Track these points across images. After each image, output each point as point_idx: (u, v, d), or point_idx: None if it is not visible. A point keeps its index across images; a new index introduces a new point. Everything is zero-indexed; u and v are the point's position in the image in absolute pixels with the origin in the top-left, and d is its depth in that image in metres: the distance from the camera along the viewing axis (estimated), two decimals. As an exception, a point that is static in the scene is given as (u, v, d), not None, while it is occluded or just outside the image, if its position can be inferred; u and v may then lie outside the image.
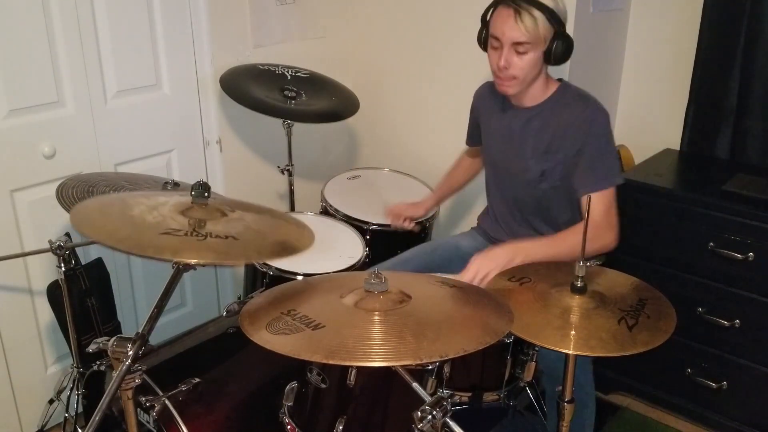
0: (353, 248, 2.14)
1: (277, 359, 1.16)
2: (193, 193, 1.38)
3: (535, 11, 1.70)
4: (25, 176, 2.14)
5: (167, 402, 1.54)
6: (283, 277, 1.97)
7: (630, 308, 1.40)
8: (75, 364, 2.01)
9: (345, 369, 1.44)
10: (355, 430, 1.49)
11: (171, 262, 1.22)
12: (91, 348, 1.29)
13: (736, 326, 2.17)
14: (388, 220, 2.29)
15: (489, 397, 1.67)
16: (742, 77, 2.33)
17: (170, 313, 2.64)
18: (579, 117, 1.79)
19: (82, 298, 2.05)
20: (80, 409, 2.01)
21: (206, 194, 1.38)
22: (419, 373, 1.47)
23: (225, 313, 1.87)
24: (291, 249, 1.34)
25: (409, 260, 2.07)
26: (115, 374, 1.23)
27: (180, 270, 1.28)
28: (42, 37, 2.08)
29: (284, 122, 2.49)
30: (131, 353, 1.22)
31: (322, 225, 2.29)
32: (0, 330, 2.19)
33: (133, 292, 2.53)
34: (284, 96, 2.46)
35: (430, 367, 1.48)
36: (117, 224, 1.29)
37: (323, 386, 1.48)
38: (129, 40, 2.29)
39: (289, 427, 1.52)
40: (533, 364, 1.67)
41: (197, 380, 1.60)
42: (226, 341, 1.81)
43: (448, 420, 1.23)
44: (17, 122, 2.09)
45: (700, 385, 2.30)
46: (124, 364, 1.22)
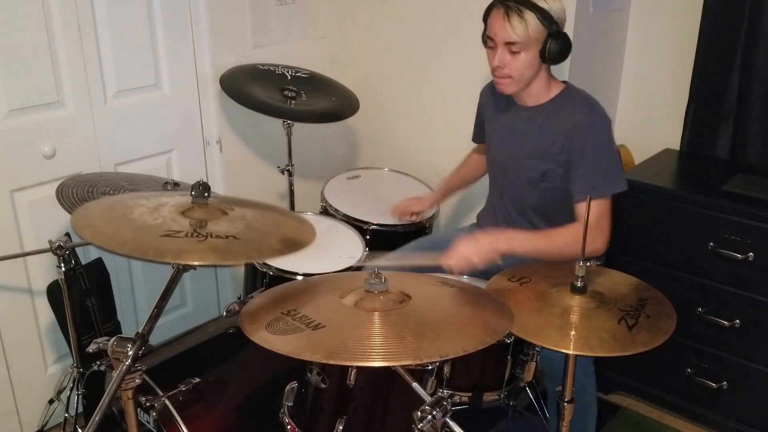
0: (353, 248, 2.14)
1: (277, 359, 1.16)
2: (193, 194, 1.38)
3: (526, 12, 1.71)
4: (25, 176, 2.14)
5: (167, 402, 1.54)
6: (283, 277, 1.97)
7: (630, 308, 1.40)
8: (75, 364, 2.01)
9: (345, 369, 1.44)
10: (355, 430, 1.49)
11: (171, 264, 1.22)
12: (91, 348, 1.29)
13: (736, 326, 2.17)
14: (395, 217, 2.30)
15: (489, 397, 1.66)
16: (742, 77, 2.33)
17: (170, 313, 2.64)
18: (582, 121, 1.78)
19: (82, 298, 2.05)
20: (80, 409, 2.01)
21: (206, 194, 1.38)
22: (419, 373, 1.47)
23: (225, 313, 1.87)
24: (294, 245, 1.33)
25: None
26: (115, 374, 1.23)
27: (180, 270, 1.29)
28: (42, 37, 2.08)
29: (284, 122, 2.49)
30: (131, 353, 1.23)
31: (322, 225, 2.28)
32: (0, 330, 2.19)
33: (133, 292, 2.53)
34: (284, 96, 2.47)
35: (430, 367, 1.48)
36: (117, 227, 1.28)
37: (323, 386, 1.48)
38: (129, 40, 2.29)
39: (289, 427, 1.52)
40: (533, 364, 1.67)
41: (197, 380, 1.61)
42: (226, 341, 1.81)
43: (448, 420, 1.23)
44: (17, 122, 2.09)
45: (700, 385, 2.30)
46: (124, 364, 1.23)
